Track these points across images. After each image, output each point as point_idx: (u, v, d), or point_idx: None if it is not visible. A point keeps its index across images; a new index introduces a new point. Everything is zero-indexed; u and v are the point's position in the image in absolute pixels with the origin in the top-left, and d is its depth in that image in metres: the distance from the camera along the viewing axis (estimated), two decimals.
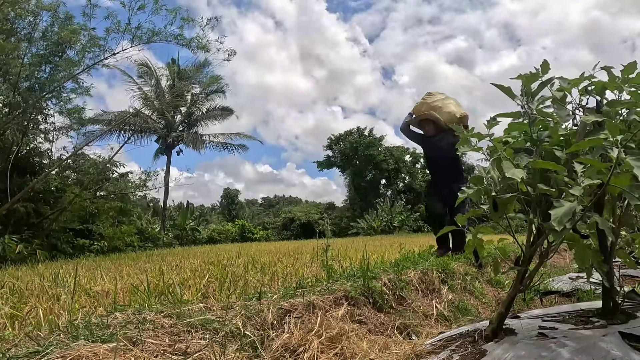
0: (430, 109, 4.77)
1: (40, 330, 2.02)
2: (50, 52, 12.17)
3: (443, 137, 4.74)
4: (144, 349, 1.65)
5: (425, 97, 4.94)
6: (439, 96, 4.88)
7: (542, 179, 1.99)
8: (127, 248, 16.99)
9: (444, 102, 4.77)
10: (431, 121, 4.79)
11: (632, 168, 1.70)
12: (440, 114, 4.70)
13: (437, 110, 4.73)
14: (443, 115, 4.69)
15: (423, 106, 4.86)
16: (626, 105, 2.10)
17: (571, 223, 1.79)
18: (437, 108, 4.74)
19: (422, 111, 4.84)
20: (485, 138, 2.18)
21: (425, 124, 4.89)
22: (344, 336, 2.20)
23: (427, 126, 4.88)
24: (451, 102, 4.82)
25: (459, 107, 4.80)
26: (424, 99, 4.93)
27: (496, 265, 2.67)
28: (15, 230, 12.82)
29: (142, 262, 8.19)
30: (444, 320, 3.05)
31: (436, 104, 4.77)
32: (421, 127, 5.00)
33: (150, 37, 12.86)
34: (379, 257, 5.22)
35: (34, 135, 14.30)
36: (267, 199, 67.46)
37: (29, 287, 4.43)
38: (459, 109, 4.75)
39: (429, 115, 4.78)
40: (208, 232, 29.74)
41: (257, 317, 2.18)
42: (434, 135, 4.86)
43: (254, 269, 5.07)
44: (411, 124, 5.07)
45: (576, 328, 2.32)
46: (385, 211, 33.05)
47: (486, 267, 4.53)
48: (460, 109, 4.78)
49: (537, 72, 2.15)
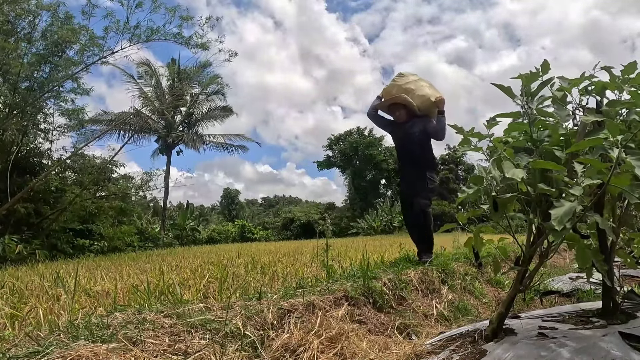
0: (402, 92, 4.23)
1: (40, 330, 2.02)
2: (49, 52, 12.17)
3: (415, 123, 4.24)
4: (144, 349, 1.65)
5: (397, 78, 4.38)
6: (411, 77, 4.33)
7: (542, 179, 1.99)
8: (127, 248, 16.98)
9: (417, 84, 4.24)
10: (402, 106, 4.25)
11: (632, 168, 1.70)
12: (413, 97, 4.18)
13: (410, 93, 4.19)
14: (416, 99, 4.18)
15: (394, 89, 4.30)
16: (626, 105, 2.10)
17: (571, 223, 1.79)
18: (410, 91, 4.21)
19: (393, 94, 4.29)
20: (485, 138, 2.17)
21: (396, 108, 4.32)
22: (344, 336, 2.20)
23: (398, 111, 4.32)
24: (425, 84, 4.29)
25: (434, 90, 4.27)
26: (394, 80, 4.37)
27: (496, 265, 2.67)
28: (15, 230, 12.82)
29: (142, 262, 8.19)
30: (444, 320, 3.05)
31: (408, 87, 4.23)
32: (391, 113, 4.43)
33: (149, 35, 12.86)
34: (379, 257, 5.22)
35: (34, 135, 14.30)
36: (267, 199, 67.54)
37: (29, 287, 4.43)
38: (435, 92, 4.23)
39: (399, 98, 4.23)
40: (208, 232, 29.74)
41: (257, 317, 2.18)
42: (405, 121, 4.30)
43: (254, 269, 5.07)
44: (380, 109, 4.50)
45: (576, 328, 2.31)
46: (385, 211, 33.05)
47: (486, 267, 4.53)
48: (435, 91, 4.26)
49: (537, 72, 2.15)
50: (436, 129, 4.13)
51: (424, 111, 4.23)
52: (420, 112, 4.23)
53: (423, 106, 4.19)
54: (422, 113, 4.24)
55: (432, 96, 4.14)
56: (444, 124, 4.11)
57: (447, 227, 2.63)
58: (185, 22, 13.40)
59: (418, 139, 4.19)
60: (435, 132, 4.15)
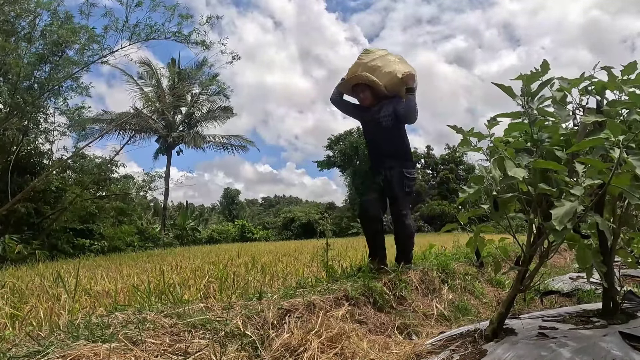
0: (367, 70, 3.60)
1: (41, 330, 2.02)
2: (49, 52, 12.17)
3: (383, 106, 3.64)
4: (145, 348, 1.65)
5: (362, 55, 3.76)
6: (378, 53, 3.72)
7: (543, 178, 1.99)
8: (128, 248, 17.00)
9: (385, 60, 3.63)
10: (367, 86, 3.63)
11: (633, 168, 1.70)
12: (379, 75, 3.57)
13: (376, 71, 3.59)
14: (382, 77, 3.57)
15: (359, 68, 3.67)
16: (626, 105, 2.10)
17: (572, 223, 1.79)
18: (376, 69, 3.59)
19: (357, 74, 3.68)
20: (485, 138, 2.17)
21: (360, 90, 3.69)
22: (344, 336, 2.20)
23: (363, 93, 3.68)
24: (394, 58, 3.69)
25: (404, 64, 3.68)
26: (359, 58, 3.74)
27: (497, 265, 2.67)
28: (15, 230, 12.83)
29: (143, 262, 8.20)
30: (445, 320, 3.05)
31: (374, 64, 3.61)
32: (355, 95, 3.80)
33: (148, 34, 12.82)
34: None
35: (34, 135, 14.30)
36: (268, 199, 67.58)
37: (29, 287, 4.43)
38: (403, 67, 3.62)
39: (361, 77, 3.61)
40: (208, 232, 29.76)
41: (258, 317, 2.18)
42: (371, 104, 3.70)
43: (254, 269, 5.08)
44: (343, 92, 3.86)
45: (576, 328, 2.32)
46: (385, 211, 33.04)
47: (486, 267, 4.53)
48: (405, 66, 3.66)
49: (537, 72, 2.15)
50: (404, 110, 3.53)
51: (393, 91, 3.63)
52: (389, 92, 3.63)
53: (391, 85, 3.59)
54: (392, 93, 3.63)
55: (399, 72, 3.55)
56: (413, 103, 3.52)
57: (449, 227, 2.63)
58: (185, 21, 13.35)
59: (387, 125, 3.59)
60: (403, 114, 3.55)
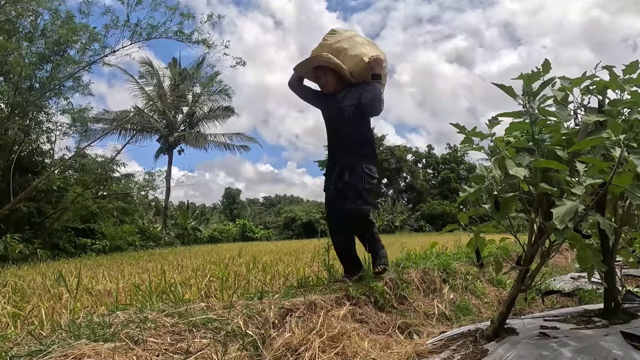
0: (332, 52, 3.20)
1: (43, 329, 2.03)
2: (51, 52, 12.20)
3: (348, 94, 3.21)
4: (146, 348, 1.66)
5: (327, 36, 3.36)
6: (345, 34, 3.33)
7: (544, 178, 1.99)
8: (129, 247, 17.00)
9: (352, 43, 3.24)
10: (330, 70, 3.20)
11: (634, 167, 1.70)
12: (345, 59, 3.18)
13: (341, 54, 3.19)
14: (348, 61, 3.18)
15: (323, 49, 3.27)
16: (628, 104, 2.10)
17: (573, 222, 1.79)
18: (341, 51, 3.20)
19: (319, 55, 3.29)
20: (487, 137, 2.17)
21: (322, 74, 3.25)
22: (346, 335, 2.20)
23: (325, 77, 3.25)
24: (362, 41, 3.30)
25: (373, 48, 3.29)
26: (324, 39, 3.35)
27: (498, 264, 2.66)
28: (17, 229, 12.85)
29: (144, 262, 8.21)
30: (446, 320, 3.05)
31: (340, 46, 3.22)
32: (317, 79, 3.35)
33: (149, 33, 12.82)
34: None
35: (36, 134, 14.33)
36: (269, 199, 67.65)
37: (31, 286, 4.44)
38: (372, 50, 3.23)
39: (322, 58, 3.18)
40: (209, 231, 29.78)
41: (259, 316, 2.18)
42: (335, 91, 3.26)
43: (255, 269, 5.08)
44: (303, 75, 3.42)
45: (578, 328, 2.31)
46: (386, 210, 33.11)
47: (487, 266, 4.53)
48: (373, 49, 3.26)
49: (539, 71, 2.15)
50: (367, 99, 3.10)
51: (359, 77, 3.23)
52: (355, 78, 3.24)
53: (357, 70, 3.20)
54: (358, 80, 3.24)
55: (366, 55, 3.14)
56: (378, 92, 3.11)
57: (449, 228, 2.63)
58: (186, 20, 13.35)
59: (351, 115, 3.16)
60: (367, 104, 3.12)
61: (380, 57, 3.14)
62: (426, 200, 36.88)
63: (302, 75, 3.43)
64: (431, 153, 42.49)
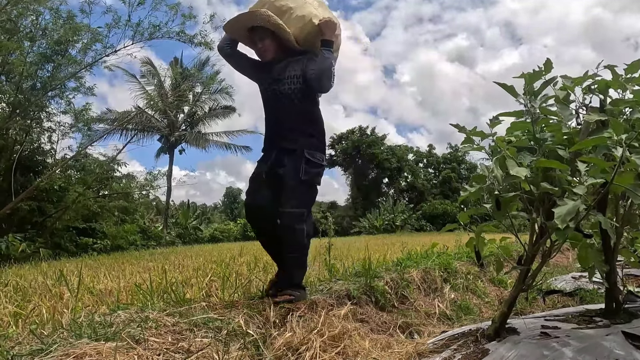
0: (274, 11, 2.54)
1: (44, 328, 2.03)
2: (52, 51, 12.21)
3: (290, 64, 2.60)
4: (147, 347, 1.66)
5: None
6: None
7: (545, 177, 1.99)
8: (130, 247, 17.02)
9: (299, 2, 2.58)
10: (269, 32, 2.56)
11: (636, 167, 1.70)
12: (289, 21, 2.54)
13: (285, 14, 2.55)
14: (293, 23, 2.54)
15: (264, 6, 2.61)
16: (630, 104, 2.09)
17: (574, 222, 1.79)
18: (286, 11, 2.56)
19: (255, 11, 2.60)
20: (488, 137, 2.17)
21: (259, 37, 2.61)
22: (347, 335, 2.20)
23: (262, 42, 2.61)
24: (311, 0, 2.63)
25: (324, 9, 2.66)
26: None
27: (499, 264, 2.66)
28: (18, 228, 12.87)
29: (145, 261, 8.21)
30: (447, 320, 3.05)
31: (284, 4, 2.57)
32: (252, 44, 2.71)
33: (151, 32, 12.82)
34: (381, 256, 5.22)
35: (38, 134, 14.36)
36: None
37: (32, 285, 4.45)
38: (323, 12, 2.62)
39: (261, 17, 2.52)
40: (210, 230, 29.79)
41: (260, 315, 2.18)
42: (274, 59, 2.64)
43: (256, 268, 5.08)
44: (237, 38, 2.74)
45: (579, 327, 2.31)
46: (387, 210, 33.06)
47: (488, 266, 4.52)
48: (323, 11, 2.63)
49: (540, 70, 2.15)
50: (315, 70, 2.50)
51: (305, 44, 2.60)
52: (301, 45, 2.60)
53: (304, 35, 2.56)
54: (304, 47, 2.61)
55: (317, 17, 2.53)
56: (328, 63, 2.49)
57: (449, 227, 2.63)
58: (188, 20, 13.35)
59: (293, 90, 2.56)
60: (313, 77, 2.50)
61: (333, 21, 2.54)
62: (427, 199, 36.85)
63: (234, 37, 2.73)
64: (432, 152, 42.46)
